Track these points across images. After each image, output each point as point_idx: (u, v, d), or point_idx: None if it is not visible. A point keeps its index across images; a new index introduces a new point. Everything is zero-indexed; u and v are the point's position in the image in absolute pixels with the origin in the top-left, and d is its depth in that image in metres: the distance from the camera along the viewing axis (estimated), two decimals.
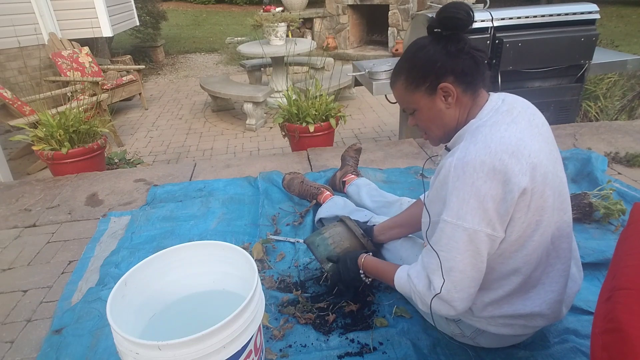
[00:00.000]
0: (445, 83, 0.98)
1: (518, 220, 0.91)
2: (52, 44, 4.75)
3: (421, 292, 0.99)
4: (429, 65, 0.98)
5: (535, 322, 1.06)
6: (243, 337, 0.89)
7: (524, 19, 2.63)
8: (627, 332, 0.64)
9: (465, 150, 0.90)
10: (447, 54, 0.97)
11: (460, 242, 0.90)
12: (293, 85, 3.46)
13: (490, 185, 0.87)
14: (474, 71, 0.98)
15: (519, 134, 0.91)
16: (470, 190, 0.88)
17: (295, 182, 2.02)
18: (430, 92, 1.00)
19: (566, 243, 1.02)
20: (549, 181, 0.93)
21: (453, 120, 1.02)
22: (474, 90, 1.00)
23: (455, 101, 0.99)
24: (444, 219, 0.93)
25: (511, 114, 0.96)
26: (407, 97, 1.04)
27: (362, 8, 7.37)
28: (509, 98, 1.01)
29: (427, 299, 0.98)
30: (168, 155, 3.98)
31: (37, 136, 2.60)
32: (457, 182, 0.89)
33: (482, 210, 0.88)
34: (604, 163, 2.22)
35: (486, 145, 0.89)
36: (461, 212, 0.89)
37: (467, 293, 0.94)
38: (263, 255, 1.67)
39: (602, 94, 3.64)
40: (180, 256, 1.11)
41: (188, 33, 10.26)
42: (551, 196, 0.94)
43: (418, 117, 1.06)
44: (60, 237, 1.96)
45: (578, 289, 1.13)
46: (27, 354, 1.34)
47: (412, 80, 1.01)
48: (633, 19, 9.13)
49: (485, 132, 0.91)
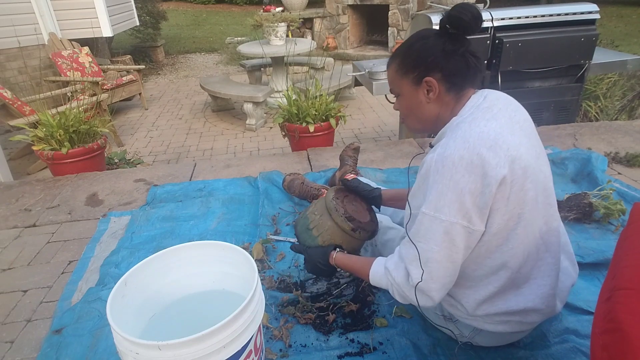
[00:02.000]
0: (430, 77, 1.00)
1: (497, 212, 0.92)
2: (52, 44, 4.75)
3: (400, 283, 1.01)
4: (422, 57, 1.01)
5: (531, 318, 1.06)
6: (243, 337, 0.89)
7: (524, 19, 2.63)
8: (627, 332, 0.64)
9: (445, 146, 0.93)
10: (442, 50, 0.98)
11: (437, 234, 0.93)
12: (293, 85, 3.46)
13: (468, 179, 0.89)
14: (463, 74, 1.00)
15: (498, 129, 0.93)
16: (449, 184, 0.90)
17: (296, 183, 2.02)
18: (416, 82, 1.03)
19: (555, 237, 1.04)
20: (530, 174, 0.94)
21: (432, 115, 1.05)
22: (458, 91, 1.02)
23: (436, 97, 1.02)
24: (422, 211, 0.95)
25: (491, 110, 0.97)
26: (395, 80, 1.08)
27: (362, 8, 7.37)
28: (492, 95, 1.02)
29: (406, 290, 1.00)
30: (168, 155, 3.98)
31: (37, 136, 2.60)
32: (436, 175, 0.92)
33: (459, 203, 0.90)
34: (604, 163, 2.22)
35: (465, 140, 0.91)
36: (439, 205, 0.91)
37: (441, 283, 0.97)
38: (263, 255, 1.67)
39: (602, 94, 3.64)
40: (180, 256, 1.11)
41: (188, 33, 10.26)
42: (532, 189, 0.95)
43: (400, 102, 1.10)
44: (60, 237, 1.96)
45: (573, 282, 1.13)
46: (27, 354, 1.34)
47: (403, 66, 1.04)
48: (633, 19, 9.12)
49: (465, 128, 0.94)
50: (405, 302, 1.03)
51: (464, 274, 1.02)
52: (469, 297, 1.05)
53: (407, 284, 1.00)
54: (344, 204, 1.33)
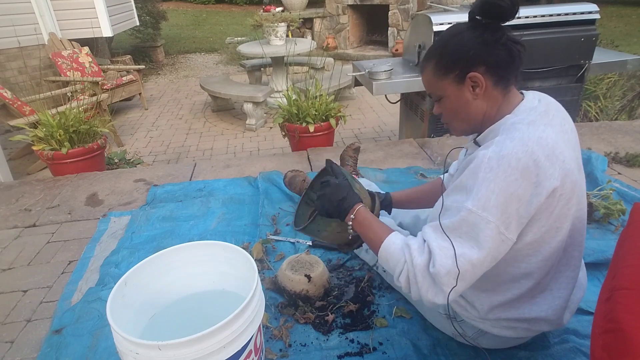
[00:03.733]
0: (475, 72, 0.93)
1: (537, 222, 0.88)
2: (52, 44, 4.75)
3: (418, 265, 0.90)
4: (461, 53, 0.94)
5: (539, 327, 1.05)
6: (243, 337, 0.89)
7: (524, 19, 2.63)
8: (627, 332, 0.64)
9: (502, 144, 0.86)
10: (482, 42, 0.92)
11: (482, 234, 0.85)
12: (293, 85, 3.46)
13: (521, 184, 0.84)
14: (508, 64, 0.93)
15: (554, 137, 0.88)
16: (501, 184, 0.84)
17: (297, 180, 2.02)
18: (459, 81, 0.96)
19: (577, 251, 1.01)
20: (577, 191, 0.91)
21: (479, 113, 0.98)
22: (506, 85, 0.95)
23: (483, 93, 0.95)
24: (467, 207, 0.86)
25: (547, 115, 0.92)
26: (434, 83, 1.00)
27: (362, 8, 7.37)
28: (545, 99, 0.97)
29: (420, 276, 0.90)
30: (168, 155, 3.98)
31: (37, 136, 2.60)
32: (489, 173, 0.85)
33: (505, 206, 0.84)
34: (604, 163, 2.22)
35: (523, 142, 0.85)
36: (488, 204, 0.84)
37: (462, 287, 0.89)
38: (263, 255, 1.67)
39: (602, 94, 3.64)
40: (180, 256, 1.11)
41: (188, 33, 10.26)
42: (575, 205, 0.92)
43: (443, 105, 1.02)
44: (60, 237, 1.96)
45: (583, 295, 1.12)
46: (27, 354, 1.34)
47: (442, 66, 0.97)
48: (633, 19, 9.12)
49: (523, 130, 0.87)
50: (407, 289, 0.93)
51: (484, 277, 0.94)
52: (484, 300, 1.03)
53: (425, 271, 0.89)
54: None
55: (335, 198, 1.08)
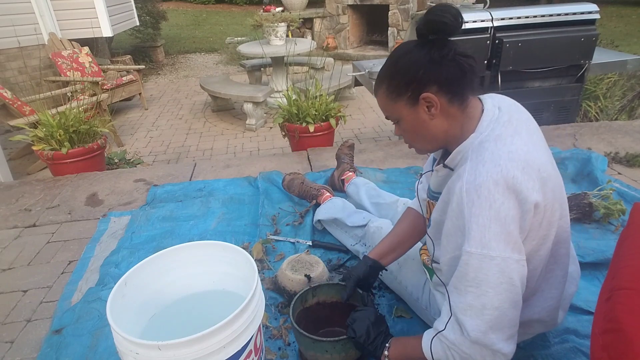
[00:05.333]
0: (427, 93, 0.90)
1: (530, 237, 0.87)
2: (52, 44, 4.75)
3: (456, 342, 0.86)
4: (411, 73, 0.91)
5: (534, 329, 1.05)
6: (243, 337, 0.89)
7: (524, 19, 2.63)
8: (627, 332, 0.64)
9: (474, 171, 0.84)
10: (430, 60, 0.89)
11: (490, 274, 0.81)
12: (293, 85, 3.46)
13: (509, 205, 0.81)
14: (460, 80, 0.90)
15: (524, 146, 0.86)
16: (489, 213, 0.80)
17: (296, 182, 2.02)
18: (412, 102, 0.93)
19: (564, 249, 1.00)
20: (557, 195, 0.90)
21: (440, 132, 0.94)
22: (462, 100, 0.92)
23: (439, 112, 0.92)
24: (466, 250, 0.83)
25: (511, 123, 0.90)
26: (389, 106, 0.97)
27: (362, 8, 7.37)
28: (504, 104, 0.94)
29: (466, 348, 0.85)
30: (168, 155, 3.98)
31: (37, 136, 2.60)
32: (472, 207, 0.82)
33: (506, 234, 0.81)
34: (604, 163, 2.22)
35: (495, 163, 0.82)
36: (484, 239, 0.81)
37: (506, 334, 0.84)
38: (263, 255, 1.67)
39: (602, 94, 3.64)
40: (180, 256, 1.11)
41: (188, 33, 10.26)
42: (558, 209, 0.91)
43: (402, 128, 0.99)
44: (60, 237, 1.96)
45: (575, 289, 1.12)
46: (27, 354, 1.34)
47: (393, 89, 0.94)
48: (633, 19, 9.12)
49: (491, 149, 0.85)
50: None
51: None
52: None
53: (464, 340, 0.85)
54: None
55: (369, 340, 1.03)
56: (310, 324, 1.18)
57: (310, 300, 1.26)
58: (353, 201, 1.87)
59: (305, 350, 1.14)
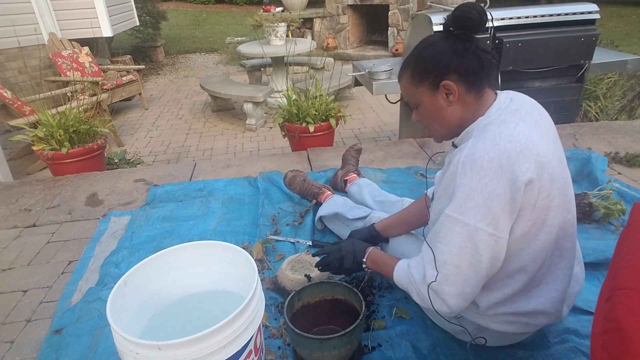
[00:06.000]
0: (447, 81, 0.98)
1: (522, 217, 0.91)
2: (52, 44, 4.75)
3: (417, 281, 1.01)
4: (434, 62, 0.99)
5: (538, 320, 1.06)
6: (243, 337, 0.89)
7: (524, 19, 2.63)
8: (627, 332, 0.64)
9: (473, 147, 0.91)
10: (453, 52, 0.97)
11: (458, 237, 0.91)
12: (293, 85, 3.46)
13: (497, 184, 0.87)
14: (479, 72, 0.98)
15: (527, 133, 0.91)
16: (477, 187, 0.88)
17: (297, 180, 2.02)
18: (433, 89, 1.01)
19: (570, 242, 1.03)
20: (556, 181, 0.94)
21: (456, 118, 1.03)
22: (478, 90, 1.00)
23: (457, 99, 1.00)
24: (446, 212, 0.93)
25: (519, 113, 0.96)
26: (411, 91, 1.06)
27: (362, 8, 7.37)
28: (517, 97, 1.01)
29: (422, 289, 0.99)
30: (168, 155, 3.98)
31: (37, 136, 2.60)
32: (464, 178, 0.90)
33: (486, 208, 0.88)
34: (604, 163, 2.22)
35: (494, 142, 0.89)
36: (464, 207, 0.89)
37: (459, 290, 0.94)
38: (263, 255, 1.67)
39: (602, 94, 3.64)
40: (180, 256, 1.11)
41: (188, 33, 10.26)
42: (557, 196, 0.94)
43: (420, 112, 1.08)
44: (60, 237, 1.95)
45: (580, 288, 1.13)
46: (27, 354, 1.34)
47: (417, 75, 1.03)
48: (633, 19, 9.12)
49: (494, 130, 0.92)
50: (423, 303, 1.02)
51: None
52: (482, 297, 1.04)
53: (422, 282, 0.99)
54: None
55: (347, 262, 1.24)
56: (308, 323, 1.21)
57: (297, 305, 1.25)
58: (355, 200, 1.86)
59: (301, 349, 1.15)
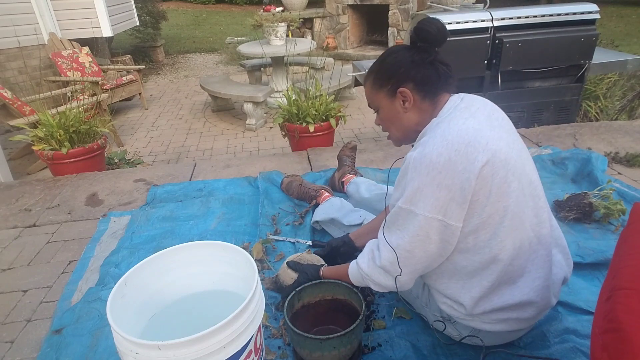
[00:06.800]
0: (404, 88, 1.06)
1: (477, 204, 0.94)
2: (52, 44, 4.75)
3: (366, 269, 1.10)
4: (394, 70, 1.08)
5: (527, 313, 1.06)
6: (243, 337, 0.89)
7: (524, 19, 2.63)
8: (627, 332, 0.64)
9: (425, 144, 0.97)
10: (411, 62, 1.05)
11: (411, 226, 0.98)
12: (293, 85, 3.46)
13: (446, 175, 0.92)
14: (435, 82, 1.06)
15: (477, 126, 0.96)
16: (425, 180, 0.94)
17: (294, 184, 2.02)
18: (391, 95, 1.09)
19: (545, 229, 1.06)
20: (511, 167, 0.96)
21: (412, 124, 1.10)
22: (433, 98, 1.07)
23: (412, 106, 1.07)
24: (399, 205, 1.00)
25: (469, 110, 1.01)
26: (372, 96, 1.15)
27: (362, 8, 7.37)
28: (468, 97, 1.07)
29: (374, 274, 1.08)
30: (168, 155, 3.98)
31: (37, 136, 2.60)
32: (414, 173, 0.96)
33: (435, 198, 0.94)
34: (604, 163, 2.22)
35: (443, 138, 0.95)
36: (414, 199, 0.96)
37: (410, 270, 1.03)
38: (263, 255, 1.67)
39: (602, 94, 3.64)
40: (180, 256, 1.11)
41: (188, 33, 10.26)
42: (515, 181, 0.97)
43: (381, 116, 1.16)
44: (60, 237, 1.96)
45: (565, 275, 1.14)
46: (27, 354, 1.34)
47: (378, 81, 1.11)
48: (633, 19, 9.12)
49: (444, 127, 0.98)
50: (382, 289, 1.10)
51: (456, 271, 1.05)
52: (465, 294, 1.05)
53: (374, 266, 1.07)
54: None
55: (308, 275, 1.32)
56: (308, 323, 1.21)
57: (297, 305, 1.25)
58: (353, 200, 1.87)
59: (301, 349, 1.14)
